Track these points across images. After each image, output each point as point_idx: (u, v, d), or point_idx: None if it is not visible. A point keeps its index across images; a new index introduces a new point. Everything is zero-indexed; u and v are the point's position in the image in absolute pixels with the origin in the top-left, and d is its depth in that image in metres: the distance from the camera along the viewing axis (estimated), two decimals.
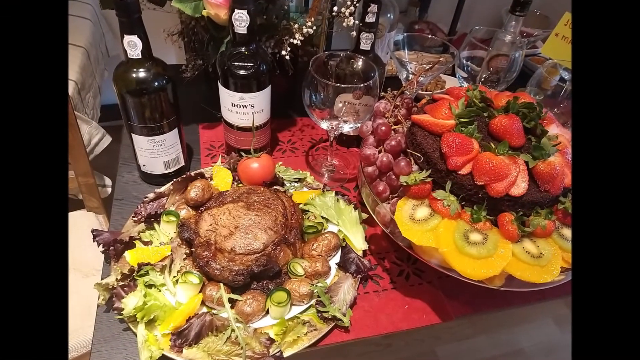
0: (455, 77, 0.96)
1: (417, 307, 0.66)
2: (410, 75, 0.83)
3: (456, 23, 1.43)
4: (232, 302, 0.59)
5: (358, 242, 0.69)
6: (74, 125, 0.86)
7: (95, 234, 0.64)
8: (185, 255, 0.63)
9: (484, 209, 0.56)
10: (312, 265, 0.64)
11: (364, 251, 0.70)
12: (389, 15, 1.00)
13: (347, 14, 0.83)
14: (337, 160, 0.91)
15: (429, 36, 0.97)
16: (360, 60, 0.76)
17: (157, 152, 0.75)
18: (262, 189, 0.71)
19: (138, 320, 0.55)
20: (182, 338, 0.54)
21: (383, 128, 0.65)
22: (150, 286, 0.59)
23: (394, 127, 0.67)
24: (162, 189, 0.74)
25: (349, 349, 0.61)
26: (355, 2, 0.83)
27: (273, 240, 0.62)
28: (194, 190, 0.70)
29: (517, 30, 0.94)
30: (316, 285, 0.62)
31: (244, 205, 0.65)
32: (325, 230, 0.71)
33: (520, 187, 0.55)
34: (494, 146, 0.56)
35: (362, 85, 0.69)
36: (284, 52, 0.82)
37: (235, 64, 0.71)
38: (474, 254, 0.54)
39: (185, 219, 0.67)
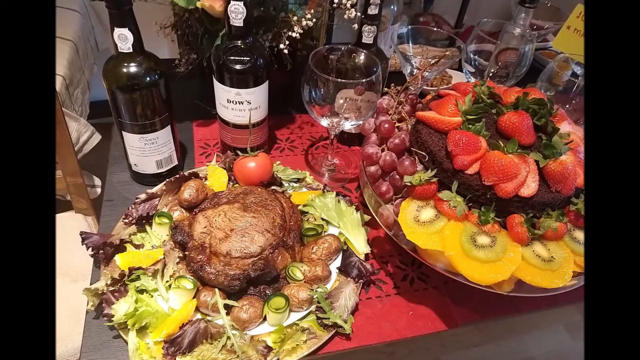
0: (462, 72, 0.97)
1: (421, 314, 0.66)
2: (415, 70, 0.83)
3: (463, 15, 1.44)
4: (228, 308, 0.58)
5: (360, 245, 0.69)
6: (62, 123, 0.86)
7: (84, 236, 0.64)
8: (178, 259, 0.62)
9: (492, 210, 0.56)
10: (312, 269, 0.63)
11: (366, 255, 0.69)
12: (392, 7, 0.99)
13: (348, 5, 0.83)
14: (337, 159, 0.90)
15: (435, 29, 0.96)
16: (363, 54, 0.76)
17: (148, 150, 0.74)
18: (259, 189, 0.71)
19: (129, 327, 0.55)
20: (175, 346, 0.54)
21: (386, 125, 0.64)
22: (141, 291, 0.59)
23: (397, 124, 0.66)
24: (154, 189, 0.74)
25: (350, 357, 0.61)
26: None
27: (271, 244, 0.62)
28: (188, 191, 0.69)
29: (527, 23, 0.94)
30: (316, 291, 0.62)
31: (240, 206, 0.65)
32: (326, 233, 0.71)
33: (530, 187, 0.54)
34: (502, 144, 0.55)
35: (364, 80, 0.68)
36: (282, 46, 0.82)
37: (231, 58, 0.71)
38: (482, 258, 0.54)
39: (178, 221, 0.67)
